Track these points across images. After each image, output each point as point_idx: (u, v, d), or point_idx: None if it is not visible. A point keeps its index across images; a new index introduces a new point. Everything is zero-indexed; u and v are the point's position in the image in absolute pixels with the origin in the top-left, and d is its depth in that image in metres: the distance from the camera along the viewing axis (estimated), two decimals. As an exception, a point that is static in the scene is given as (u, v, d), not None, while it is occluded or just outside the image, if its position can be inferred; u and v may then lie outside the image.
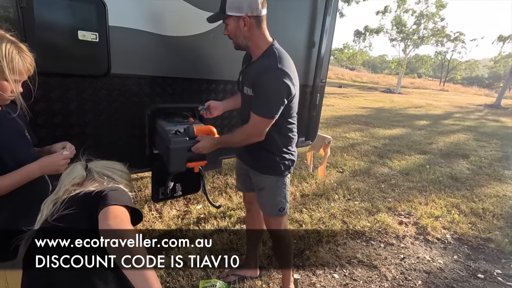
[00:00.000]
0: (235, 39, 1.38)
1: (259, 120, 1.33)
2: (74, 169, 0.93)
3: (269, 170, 1.52)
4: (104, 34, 1.44)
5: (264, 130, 1.37)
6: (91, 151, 1.52)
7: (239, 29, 1.33)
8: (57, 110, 1.42)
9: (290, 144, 1.52)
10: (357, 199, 3.26)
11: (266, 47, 1.37)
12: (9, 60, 0.94)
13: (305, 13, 2.29)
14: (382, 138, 6.41)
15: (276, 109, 1.33)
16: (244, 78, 1.44)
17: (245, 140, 1.43)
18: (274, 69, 1.28)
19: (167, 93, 1.75)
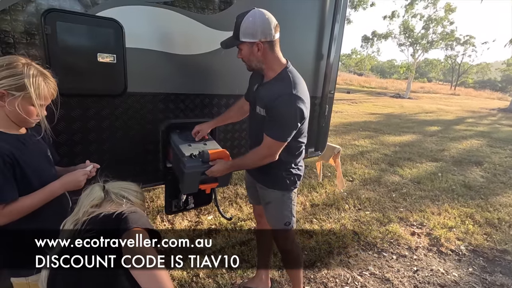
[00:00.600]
0: (249, 63, 1.42)
1: (272, 143, 1.37)
2: (92, 190, 0.97)
3: (275, 185, 1.55)
4: (121, 56, 1.51)
5: (277, 152, 1.40)
6: (109, 171, 1.59)
7: (253, 53, 1.36)
8: (77, 129, 1.49)
9: (297, 161, 1.55)
10: (368, 209, 3.24)
11: (280, 70, 1.41)
12: (36, 87, 1.01)
13: (313, 24, 2.33)
14: (392, 145, 6.35)
15: (289, 133, 1.37)
16: (257, 98, 1.48)
17: (258, 161, 1.46)
18: (289, 95, 1.31)
19: (180, 109, 1.81)
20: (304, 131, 1.48)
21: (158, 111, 1.74)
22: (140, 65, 1.60)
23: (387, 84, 33.51)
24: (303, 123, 1.41)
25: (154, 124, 1.74)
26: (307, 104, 1.36)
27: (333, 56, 2.43)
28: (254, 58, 1.38)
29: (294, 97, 1.32)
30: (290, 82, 1.35)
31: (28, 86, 0.99)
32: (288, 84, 1.35)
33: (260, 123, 1.46)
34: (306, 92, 1.40)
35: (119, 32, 1.48)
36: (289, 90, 1.33)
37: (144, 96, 1.66)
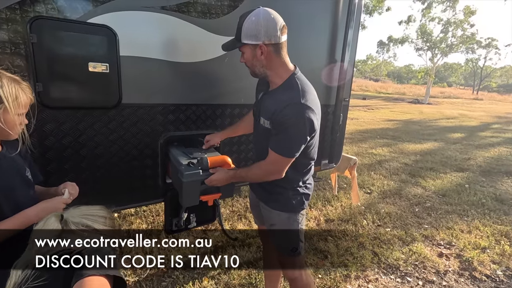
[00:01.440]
0: (252, 68, 1.27)
1: (278, 159, 1.21)
2: (47, 222, 0.81)
3: (280, 206, 1.38)
4: (115, 65, 1.40)
5: (284, 168, 1.24)
6: (104, 188, 1.47)
7: (256, 57, 1.21)
8: (67, 144, 1.39)
9: (305, 178, 1.38)
10: (388, 225, 2.97)
11: (286, 76, 1.25)
12: (14, 98, 0.91)
13: (325, 29, 2.18)
14: (413, 154, 6.01)
15: (297, 148, 1.20)
16: (262, 108, 1.33)
17: (262, 177, 1.31)
18: (297, 105, 1.15)
19: (180, 120, 1.68)
20: (314, 145, 1.30)
21: (157, 123, 1.61)
22: (136, 75, 1.49)
23: (404, 89, 32.62)
24: (313, 137, 1.23)
25: (153, 137, 1.62)
26: (317, 115, 1.19)
27: (347, 61, 2.26)
28: (257, 63, 1.23)
29: (303, 107, 1.15)
30: (298, 90, 1.19)
31: (5, 98, 0.89)
32: (296, 93, 1.18)
33: (263, 137, 1.30)
34: (317, 101, 1.23)
35: (112, 40, 1.38)
36: (297, 99, 1.16)
37: (140, 108, 1.54)
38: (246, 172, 1.33)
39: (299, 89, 1.19)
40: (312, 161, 1.36)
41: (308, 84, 1.25)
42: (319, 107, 1.23)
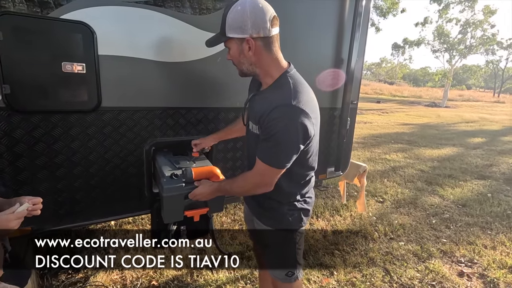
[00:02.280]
0: (239, 66, 1.11)
1: (266, 169, 1.04)
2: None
3: (274, 222, 1.21)
4: (93, 65, 1.28)
5: (273, 181, 1.08)
6: (83, 198, 1.35)
7: (243, 53, 1.06)
8: (40, 151, 1.27)
9: (304, 191, 1.21)
10: (402, 239, 2.73)
11: (278, 75, 1.09)
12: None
13: (331, 29, 2.01)
14: (430, 160, 5.68)
15: (288, 158, 1.03)
16: (250, 111, 1.18)
17: (249, 190, 1.15)
18: (287, 107, 0.99)
19: (168, 125, 1.55)
20: (311, 153, 1.13)
21: (142, 128, 1.48)
22: (117, 75, 1.37)
23: (421, 92, 31.68)
24: (308, 144, 1.06)
25: (137, 144, 1.49)
26: (313, 119, 1.02)
27: (354, 62, 2.08)
28: (244, 60, 1.07)
29: (293, 110, 0.98)
30: (289, 90, 1.02)
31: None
32: (287, 93, 1.02)
33: (253, 143, 1.14)
34: (313, 103, 1.06)
35: (89, 38, 1.26)
36: (288, 100, 0.99)
37: (123, 112, 1.41)
38: (230, 184, 1.17)
39: (290, 89, 1.02)
40: (311, 171, 1.19)
41: (303, 83, 1.08)
42: (316, 110, 1.06)
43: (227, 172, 1.81)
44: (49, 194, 1.32)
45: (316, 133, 1.08)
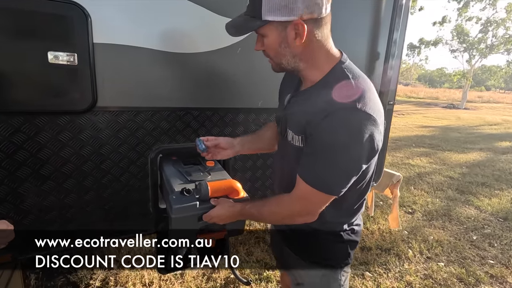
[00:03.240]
0: (277, 59, 0.82)
1: (311, 194, 0.77)
2: None
3: (313, 257, 0.94)
4: (86, 55, 1.04)
5: (319, 209, 0.81)
6: (76, 216, 1.12)
7: (286, 42, 0.78)
8: (22, 160, 1.04)
9: (353, 220, 0.93)
10: (441, 259, 2.40)
11: (329, 68, 0.81)
12: None
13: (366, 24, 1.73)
14: (458, 166, 5.26)
15: (345, 181, 0.76)
16: (290, 118, 0.90)
17: (284, 218, 0.88)
18: (349, 112, 0.71)
19: (177, 129, 1.30)
20: (370, 171, 0.85)
21: (146, 133, 1.24)
22: (116, 68, 1.12)
23: (437, 93, 30.68)
24: (371, 162, 0.79)
25: (140, 151, 1.24)
26: (381, 127, 0.75)
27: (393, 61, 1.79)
28: (287, 51, 0.79)
29: (358, 116, 0.71)
30: (350, 88, 0.75)
31: None
32: (347, 92, 0.74)
33: (291, 159, 0.87)
34: (379, 104, 0.77)
35: (82, 22, 1.02)
36: (351, 103, 0.72)
37: (123, 113, 1.17)
38: (259, 209, 0.89)
39: (351, 86, 0.75)
40: (366, 194, 0.91)
41: (365, 78, 0.80)
42: (383, 116, 0.78)
43: (245, 183, 1.55)
44: (33, 213, 1.09)
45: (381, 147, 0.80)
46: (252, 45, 0.90)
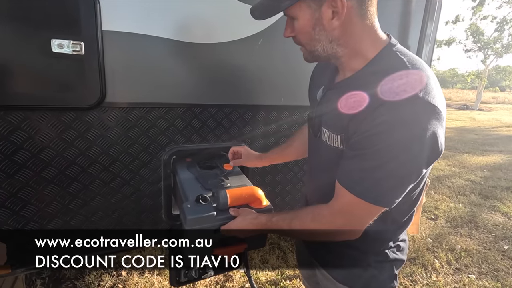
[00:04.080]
0: (310, 45, 0.70)
1: (358, 206, 0.64)
2: None
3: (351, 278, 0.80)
4: (94, 44, 0.93)
5: (365, 223, 0.67)
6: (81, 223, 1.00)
7: (321, 24, 0.65)
8: (22, 161, 0.93)
9: (399, 236, 0.79)
10: (472, 270, 2.22)
11: (375, 52, 0.68)
12: None
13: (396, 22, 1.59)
14: (478, 169, 5.02)
15: (401, 190, 0.63)
16: (324, 113, 0.77)
17: (321, 235, 0.74)
18: (411, 103, 0.57)
19: (193, 128, 1.17)
20: (426, 177, 0.71)
21: (159, 131, 1.12)
22: (127, 60, 1.01)
23: (450, 94, 30.00)
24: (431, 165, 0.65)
25: (153, 152, 1.12)
26: (445, 123, 0.60)
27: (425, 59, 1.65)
28: (322, 34, 0.66)
29: (422, 107, 0.57)
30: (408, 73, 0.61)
31: None
32: (405, 78, 0.60)
33: (327, 163, 0.74)
34: (443, 97, 0.63)
35: (89, 7, 0.91)
36: (409, 90, 0.58)
37: (134, 109, 1.05)
38: (290, 223, 0.76)
39: (409, 71, 0.61)
40: (417, 204, 0.77)
41: (424, 63, 0.66)
42: (446, 109, 0.63)
43: (265, 187, 1.42)
44: (34, 221, 0.98)
45: None
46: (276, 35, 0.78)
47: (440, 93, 0.60)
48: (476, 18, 20.21)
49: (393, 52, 0.65)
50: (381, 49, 0.67)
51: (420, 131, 0.56)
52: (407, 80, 0.59)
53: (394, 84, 0.59)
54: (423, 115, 0.56)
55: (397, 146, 0.58)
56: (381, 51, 0.66)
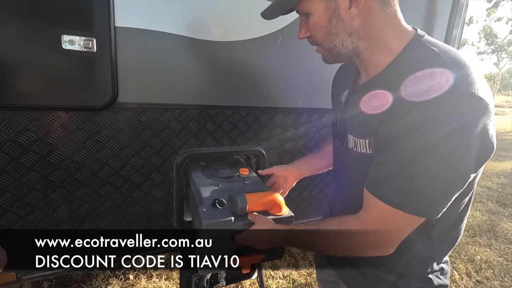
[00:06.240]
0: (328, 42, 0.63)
1: (393, 217, 0.57)
2: None
3: None
4: (107, 40, 0.87)
5: (402, 236, 0.60)
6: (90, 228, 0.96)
7: (338, 16, 0.59)
8: (30, 164, 0.88)
9: (448, 252, 0.71)
10: (494, 283, 2.11)
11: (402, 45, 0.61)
12: None
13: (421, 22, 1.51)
14: (495, 175, 4.86)
15: (445, 199, 0.55)
16: (349, 118, 0.70)
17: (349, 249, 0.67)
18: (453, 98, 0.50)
19: (208, 131, 1.11)
20: (476, 182, 0.63)
21: (172, 134, 1.06)
22: (141, 58, 0.95)
23: (461, 98, 29.48)
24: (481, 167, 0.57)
25: (165, 156, 1.07)
26: (493, 117, 0.53)
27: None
28: (340, 27, 0.60)
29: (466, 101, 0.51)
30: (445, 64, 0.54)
31: None
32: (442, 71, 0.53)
33: (358, 172, 0.67)
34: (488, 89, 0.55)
35: (102, 1, 0.85)
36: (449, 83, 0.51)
37: (147, 110, 1.00)
38: (313, 237, 0.68)
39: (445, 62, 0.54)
40: (467, 215, 0.69)
41: (460, 53, 0.58)
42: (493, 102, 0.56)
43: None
44: (41, 224, 0.93)
45: None
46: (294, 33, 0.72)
47: (485, 84, 0.53)
48: (490, 19, 19.82)
49: (422, 43, 0.58)
50: (408, 41, 0.60)
51: (467, 128, 0.49)
52: (444, 72, 0.52)
53: (429, 79, 0.52)
54: (468, 109, 0.49)
55: (440, 149, 0.51)
56: (408, 43, 0.60)
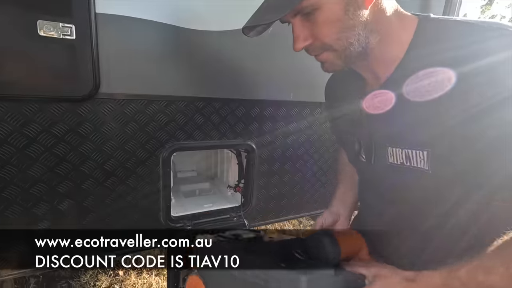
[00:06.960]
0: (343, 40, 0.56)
1: None
2: None
3: None
4: (87, 27, 0.83)
5: None
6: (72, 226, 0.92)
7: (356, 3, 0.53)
8: (6, 158, 0.84)
9: None
10: None
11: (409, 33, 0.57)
12: None
13: None
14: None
15: None
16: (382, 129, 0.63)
17: None
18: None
19: (196, 124, 1.08)
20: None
21: (158, 127, 1.02)
22: (124, 47, 0.91)
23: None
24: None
25: (151, 150, 1.03)
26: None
27: None
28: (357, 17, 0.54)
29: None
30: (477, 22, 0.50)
31: None
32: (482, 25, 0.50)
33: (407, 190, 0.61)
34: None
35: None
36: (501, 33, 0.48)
37: (131, 102, 0.96)
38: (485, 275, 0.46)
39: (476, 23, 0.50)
40: None
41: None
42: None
43: (271, 189, 1.32)
44: (20, 221, 0.89)
45: None
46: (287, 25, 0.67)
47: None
48: (484, 17, 19.94)
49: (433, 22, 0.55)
50: (416, 28, 0.57)
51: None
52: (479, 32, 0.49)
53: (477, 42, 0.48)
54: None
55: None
56: (418, 29, 0.56)
